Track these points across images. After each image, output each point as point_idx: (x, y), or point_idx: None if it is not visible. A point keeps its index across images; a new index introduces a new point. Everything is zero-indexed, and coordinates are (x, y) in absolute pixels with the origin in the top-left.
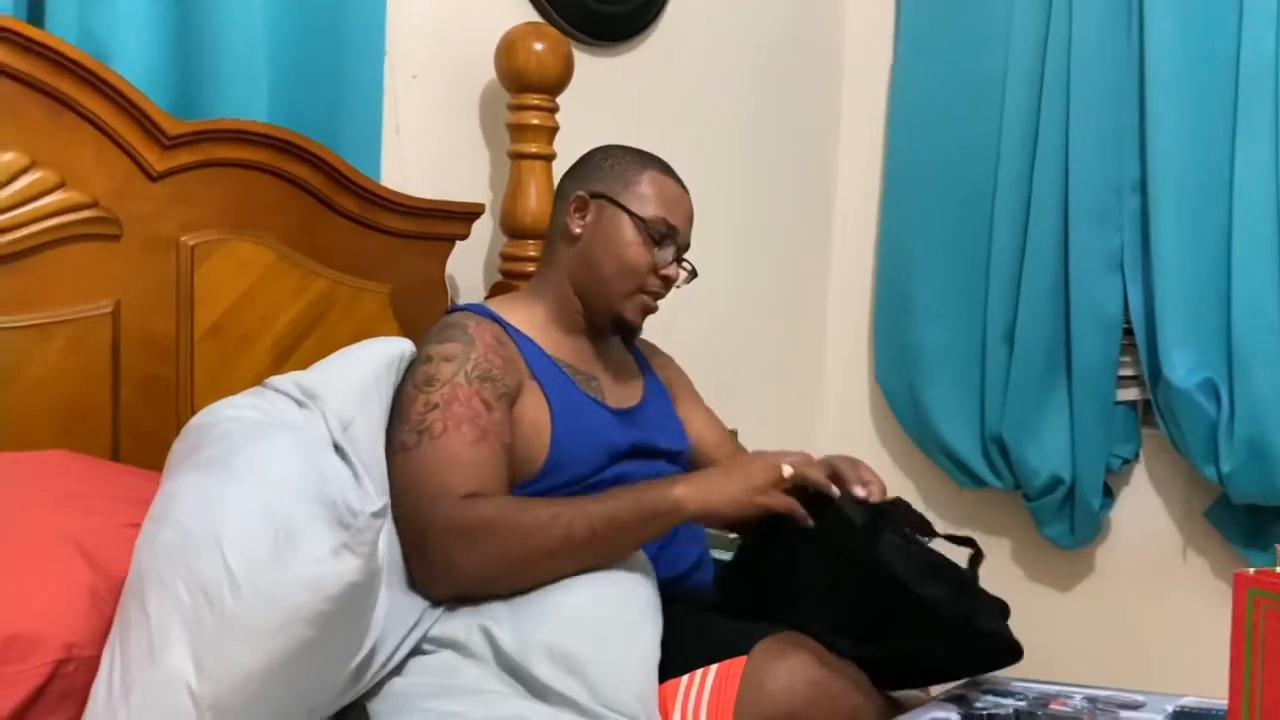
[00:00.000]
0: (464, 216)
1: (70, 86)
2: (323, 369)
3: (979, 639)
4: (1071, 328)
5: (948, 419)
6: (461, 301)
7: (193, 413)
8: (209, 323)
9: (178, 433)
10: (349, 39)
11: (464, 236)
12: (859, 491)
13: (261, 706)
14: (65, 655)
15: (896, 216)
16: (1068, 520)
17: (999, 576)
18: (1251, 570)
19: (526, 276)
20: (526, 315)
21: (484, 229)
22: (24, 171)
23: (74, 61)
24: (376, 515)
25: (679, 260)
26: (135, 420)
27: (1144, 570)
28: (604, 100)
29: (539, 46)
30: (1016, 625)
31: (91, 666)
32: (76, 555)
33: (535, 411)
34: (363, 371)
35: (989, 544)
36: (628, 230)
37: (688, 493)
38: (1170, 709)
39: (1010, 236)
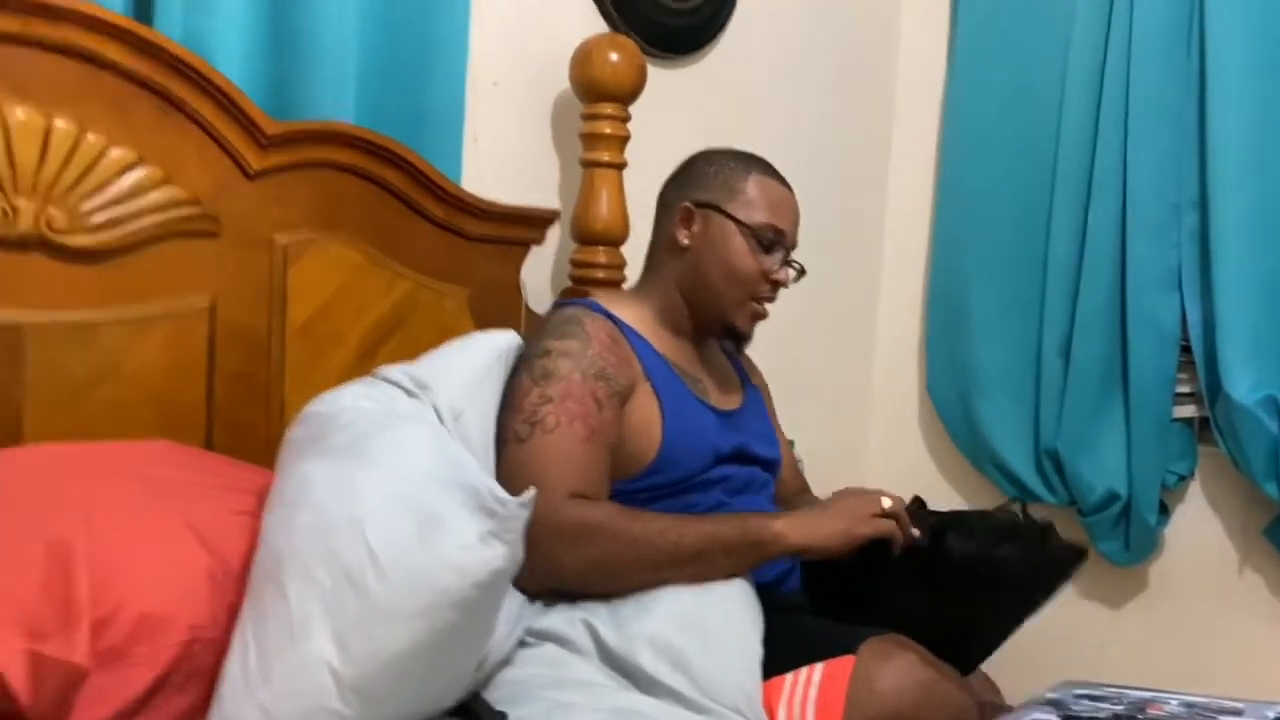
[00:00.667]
0: (540, 222)
1: (178, 86)
2: (433, 360)
3: (1054, 549)
4: (1128, 343)
5: (1001, 433)
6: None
7: (283, 407)
8: (300, 320)
9: (267, 426)
10: (434, 45)
11: (539, 242)
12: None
13: (400, 690)
14: (191, 636)
15: (950, 231)
16: (1123, 536)
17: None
18: None
19: (596, 282)
20: (637, 314)
21: (552, 235)
22: (132, 167)
23: (183, 61)
24: (524, 505)
25: (787, 262)
26: (228, 413)
27: (1200, 587)
28: (670, 110)
29: (615, 57)
30: (1069, 639)
31: (215, 648)
32: (192, 539)
33: (647, 409)
34: (473, 363)
35: None
36: (736, 239)
37: (790, 527)
38: (1271, 715)
39: (1067, 252)
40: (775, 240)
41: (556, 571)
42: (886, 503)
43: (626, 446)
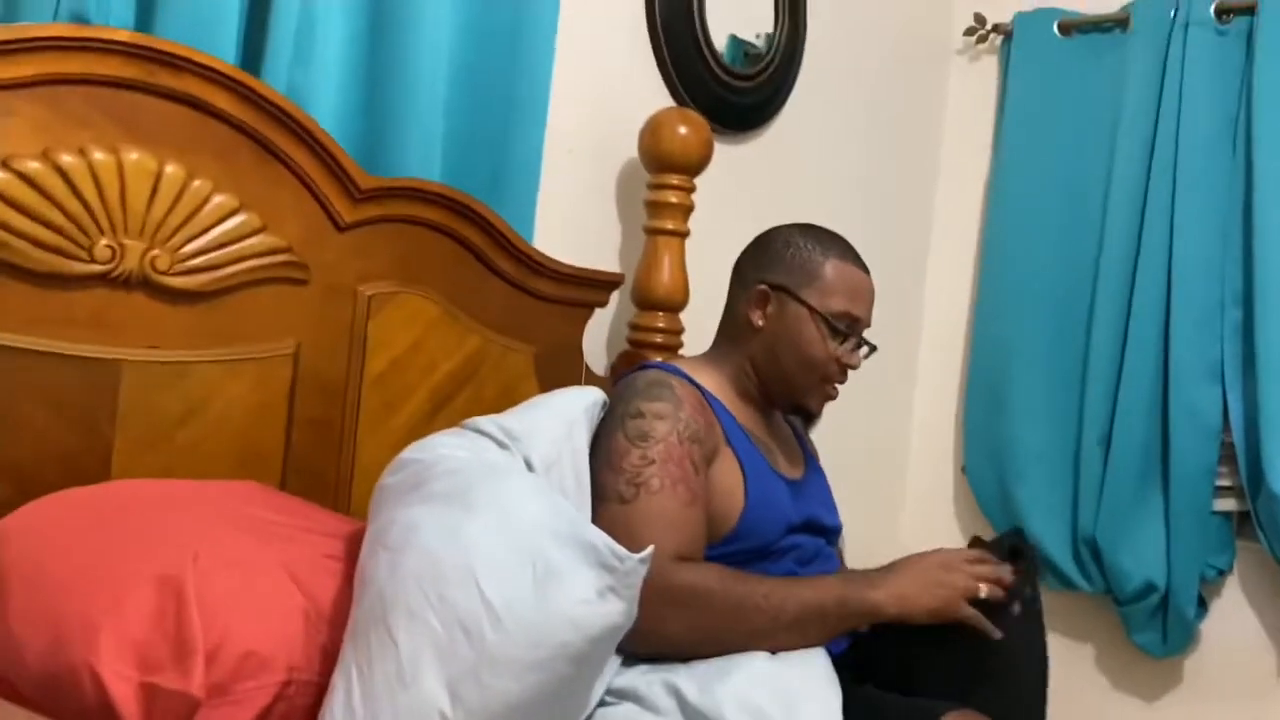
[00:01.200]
0: (606, 285)
1: (279, 136)
2: (521, 413)
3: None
4: (1170, 434)
5: (1039, 517)
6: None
7: (355, 455)
8: (377, 370)
9: (337, 473)
10: (517, 111)
11: (604, 304)
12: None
13: None
14: (288, 677)
15: (992, 314)
16: (1160, 628)
17: (1085, 681)
18: None
19: (654, 347)
20: (714, 380)
21: (611, 298)
22: (233, 214)
23: (286, 113)
24: (643, 561)
25: (860, 343)
26: (302, 458)
27: (1237, 684)
28: (727, 182)
29: (683, 130)
30: None
31: (308, 691)
32: (289, 581)
33: (730, 476)
34: (562, 417)
35: (1075, 649)
36: (811, 328)
37: (888, 599)
38: None
39: (1109, 341)
40: (850, 328)
41: (661, 636)
42: (983, 592)
43: (711, 512)
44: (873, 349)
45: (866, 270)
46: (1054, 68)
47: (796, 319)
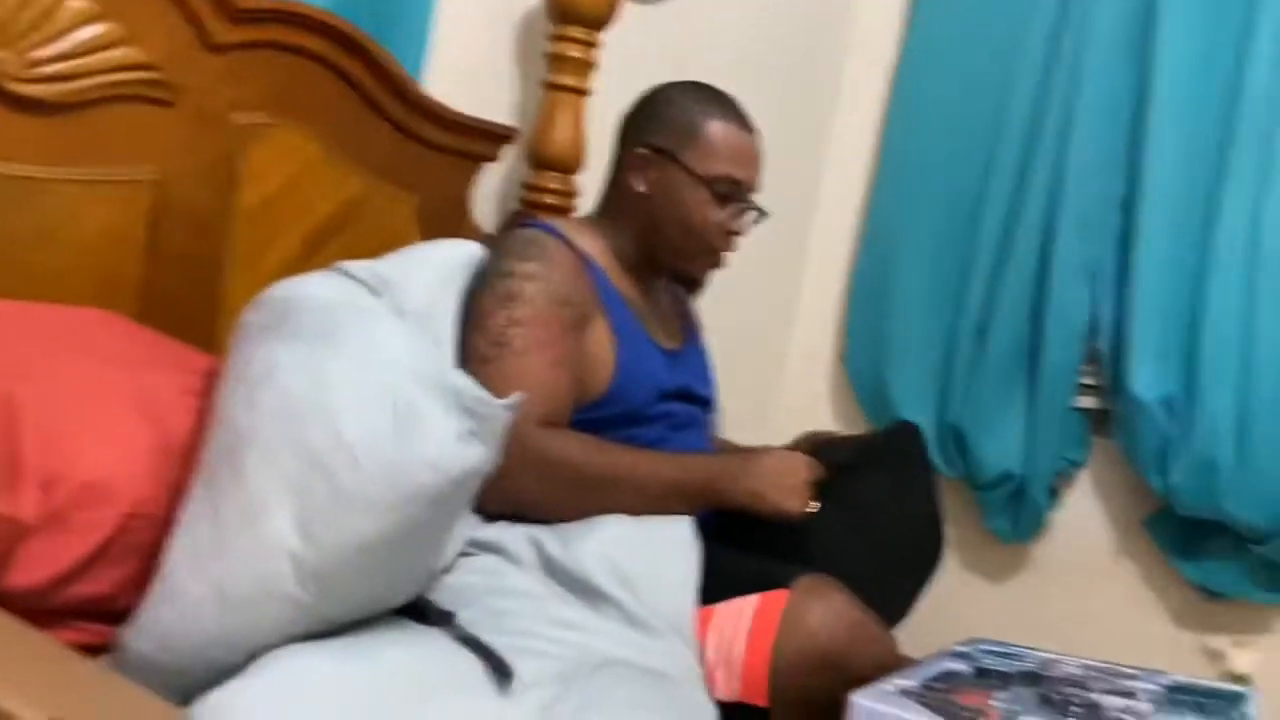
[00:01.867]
0: (499, 138)
1: None
2: (399, 260)
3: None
4: (1041, 331)
5: (909, 404)
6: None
7: (222, 293)
8: (249, 206)
9: (203, 310)
10: None
11: (494, 158)
12: None
13: (360, 581)
14: (132, 510)
15: (884, 204)
16: (1012, 515)
17: None
18: None
19: (546, 208)
20: (594, 244)
21: (503, 155)
22: (91, 21)
23: None
24: (508, 408)
25: (746, 208)
26: (165, 293)
27: (1079, 570)
28: (635, 45)
29: None
30: (948, 610)
31: (153, 525)
32: (136, 413)
33: (602, 342)
34: (438, 269)
35: None
36: (692, 193)
37: (741, 492)
38: (1165, 683)
39: (994, 237)
40: (733, 191)
41: (520, 498)
42: (814, 507)
43: (580, 377)
44: (762, 214)
45: (752, 130)
46: None
47: (677, 184)
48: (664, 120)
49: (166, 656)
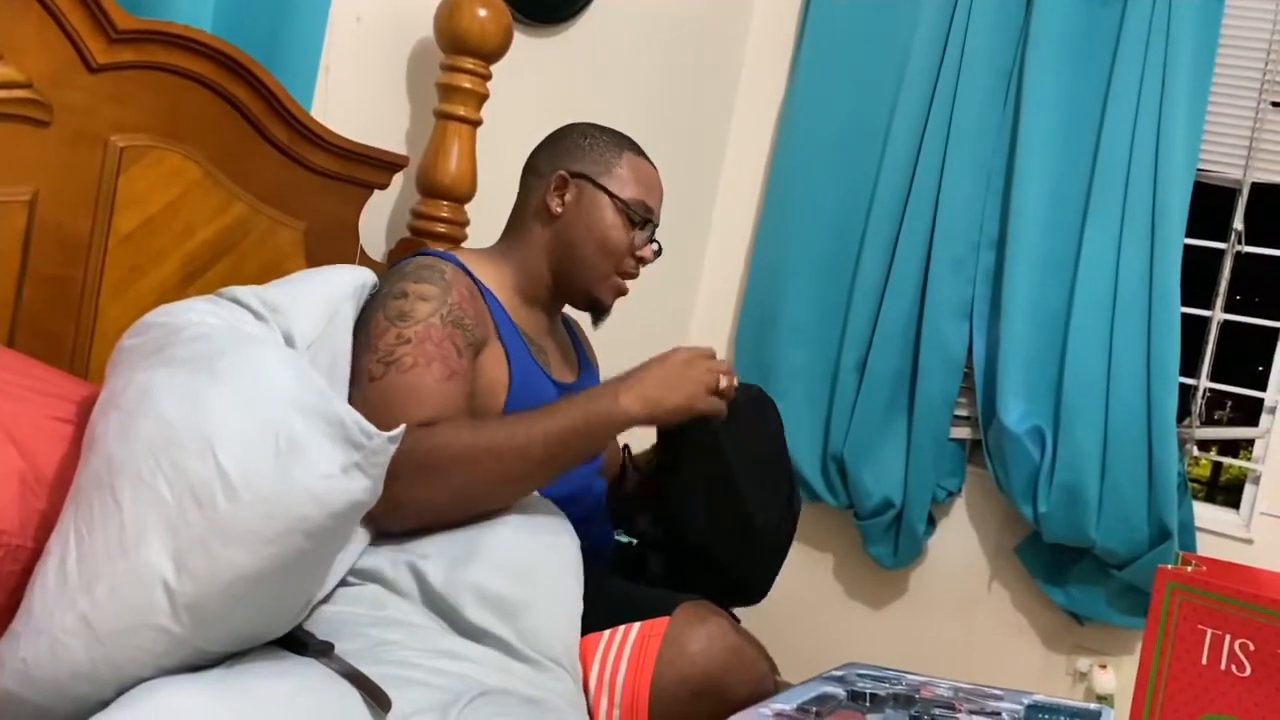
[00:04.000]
0: (388, 166)
1: None
2: (285, 285)
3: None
4: (919, 365)
5: (794, 434)
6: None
7: (96, 319)
8: (126, 230)
9: (76, 336)
10: None
11: (384, 186)
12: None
13: (237, 613)
14: None
15: (771, 235)
16: (892, 542)
17: (822, 588)
18: (1170, 566)
19: (436, 236)
20: (494, 275)
21: (394, 183)
22: None
23: None
24: (392, 440)
25: (651, 238)
26: (36, 317)
27: (953, 595)
28: (526, 76)
29: (483, 13)
30: (831, 636)
31: (20, 557)
32: (4, 440)
33: (495, 370)
34: (328, 294)
35: (817, 558)
36: (610, 213)
37: (633, 403)
38: (1026, 703)
39: (875, 274)
40: (645, 218)
41: (420, 504)
42: (723, 382)
43: (472, 403)
44: (660, 249)
45: (657, 170)
46: (853, 6)
47: (595, 204)
48: (583, 149)
49: (30, 692)
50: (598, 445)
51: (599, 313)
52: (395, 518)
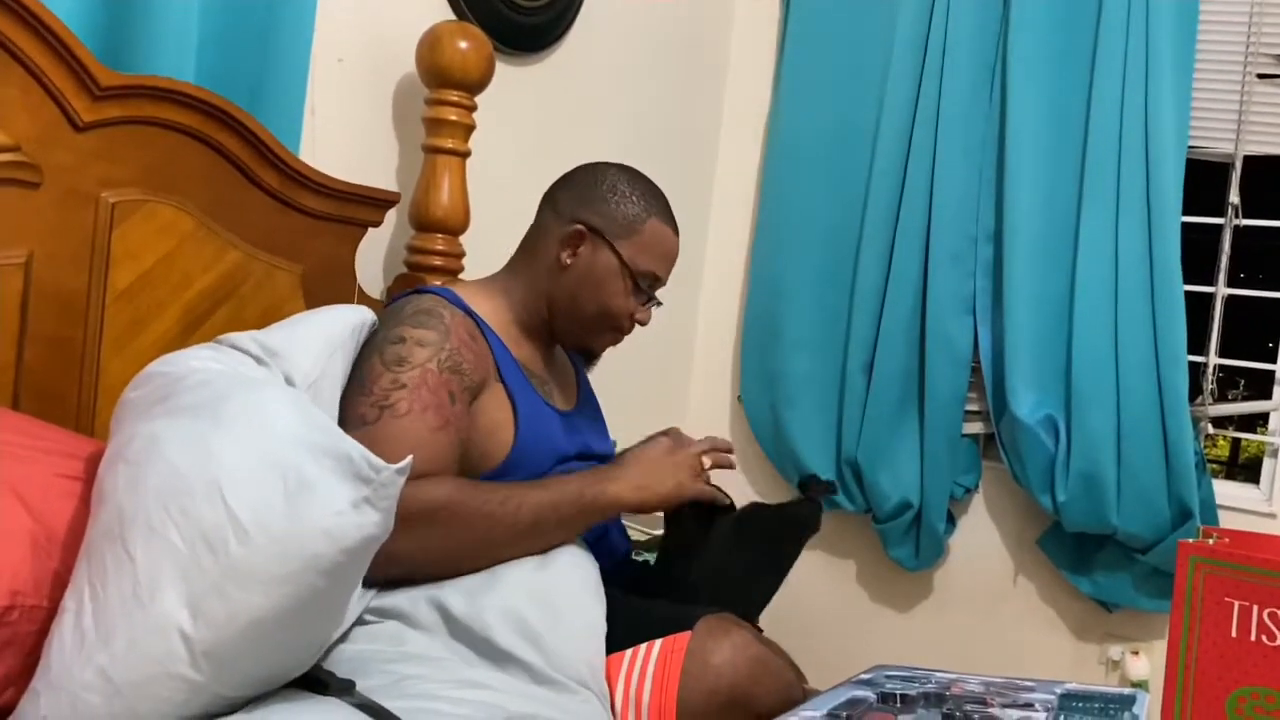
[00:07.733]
0: (380, 203)
1: (6, 24)
2: (283, 329)
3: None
4: (926, 364)
5: (806, 442)
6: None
7: (98, 376)
8: (123, 285)
9: (79, 395)
10: (281, 15)
11: (377, 224)
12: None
13: (256, 656)
14: (10, 603)
15: (767, 249)
16: (913, 544)
17: (847, 595)
18: (1191, 540)
19: (432, 269)
20: (494, 309)
21: (387, 219)
22: None
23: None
24: (400, 472)
25: (651, 298)
26: (39, 379)
27: (978, 591)
28: (509, 105)
29: (464, 45)
30: (858, 641)
31: (35, 617)
32: (15, 501)
33: (498, 410)
34: (327, 334)
35: (839, 565)
36: (617, 280)
37: (624, 490)
38: (1059, 692)
39: (874, 276)
40: (652, 286)
41: (402, 557)
42: (707, 461)
43: (476, 446)
44: (659, 303)
45: (678, 231)
46: (832, 11)
47: (606, 268)
48: (607, 204)
49: None
50: (586, 524)
51: (590, 359)
52: (382, 568)
